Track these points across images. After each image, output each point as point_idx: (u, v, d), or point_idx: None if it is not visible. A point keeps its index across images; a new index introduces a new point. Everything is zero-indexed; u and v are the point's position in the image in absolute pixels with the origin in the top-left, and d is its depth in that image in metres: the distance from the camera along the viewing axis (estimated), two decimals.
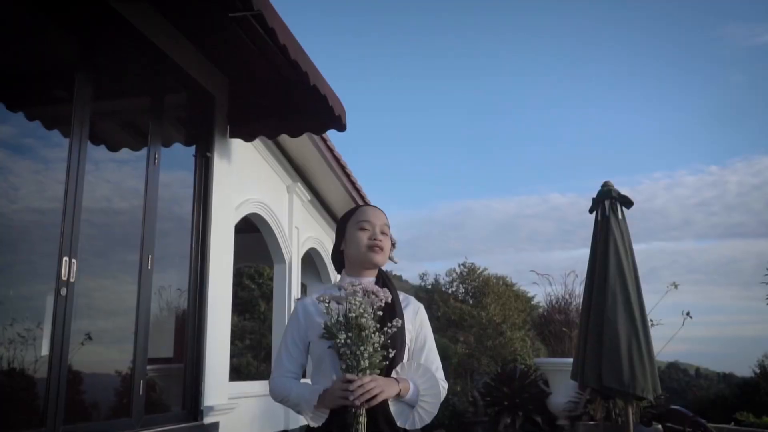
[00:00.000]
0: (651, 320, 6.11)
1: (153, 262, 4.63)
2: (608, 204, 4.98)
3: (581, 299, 8.99)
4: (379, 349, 1.90)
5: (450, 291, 20.38)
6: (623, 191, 5.04)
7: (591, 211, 5.15)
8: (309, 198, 8.25)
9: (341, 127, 5.49)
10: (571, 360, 7.15)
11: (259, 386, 6.77)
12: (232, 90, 5.79)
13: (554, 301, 10.03)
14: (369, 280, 2.19)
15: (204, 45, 5.23)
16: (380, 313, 1.93)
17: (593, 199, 5.13)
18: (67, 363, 3.73)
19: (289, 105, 5.59)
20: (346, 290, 1.93)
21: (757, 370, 16.51)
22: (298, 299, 7.92)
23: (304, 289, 9.01)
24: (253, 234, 7.62)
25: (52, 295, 3.72)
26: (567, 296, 9.88)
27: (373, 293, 1.92)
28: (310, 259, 9.22)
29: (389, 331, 1.93)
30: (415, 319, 2.21)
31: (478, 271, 19.96)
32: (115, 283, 4.59)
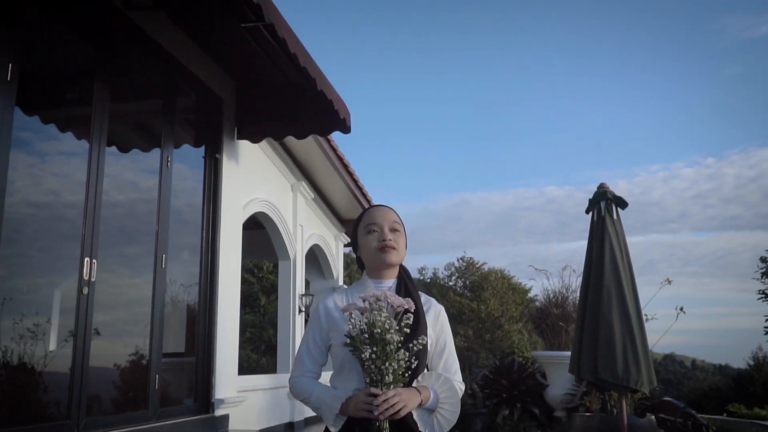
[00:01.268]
0: (646, 315, 6.32)
1: (167, 261, 4.82)
2: (604, 205, 5.19)
3: (577, 294, 9.22)
4: (403, 364, 1.91)
5: (449, 285, 20.58)
6: (620, 183, 5.28)
7: (587, 212, 5.36)
8: (312, 196, 8.43)
9: (346, 129, 5.67)
10: (567, 353, 7.36)
11: (266, 380, 6.97)
12: (239, 93, 5.96)
13: (551, 296, 10.23)
14: (389, 283, 2.21)
15: (212, 49, 5.40)
16: (407, 330, 1.93)
17: (589, 200, 5.34)
18: (89, 359, 3.92)
19: (295, 108, 5.76)
20: (370, 303, 1.92)
21: (751, 362, 16.78)
22: (303, 295, 8.11)
23: (307, 285, 9.20)
24: (256, 231, 7.80)
25: (60, 290, 3.91)
26: (564, 290, 10.07)
27: (399, 306, 1.92)
28: (314, 256, 9.41)
29: (415, 348, 1.94)
30: (436, 324, 2.21)
31: (477, 266, 20.17)
32: (131, 281, 4.78)
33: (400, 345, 1.90)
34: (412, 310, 1.97)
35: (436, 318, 2.22)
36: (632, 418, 5.98)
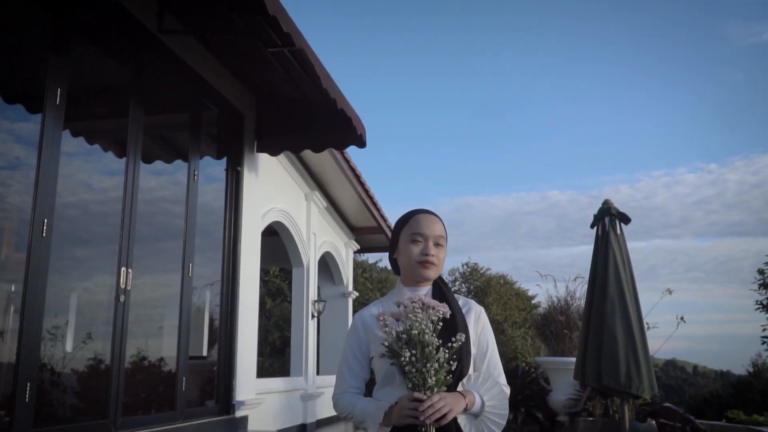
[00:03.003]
0: (647, 324, 6.58)
1: (193, 270, 5.08)
2: (608, 220, 5.47)
3: (581, 301, 9.46)
4: (444, 365, 1.86)
5: (452, 290, 20.82)
6: (623, 189, 5.50)
7: (592, 227, 5.63)
8: (325, 205, 8.70)
9: (362, 144, 5.93)
10: (571, 359, 7.62)
11: (282, 383, 7.23)
12: (259, 108, 6.22)
13: (556, 302, 10.47)
14: (425, 290, 2.15)
15: (235, 67, 5.65)
16: (440, 325, 1.90)
17: (594, 216, 5.62)
18: (125, 362, 4.18)
19: (313, 123, 6.01)
20: (405, 307, 1.89)
21: (751, 369, 17.01)
22: (315, 300, 8.35)
23: (318, 291, 9.45)
24: (269, 237, 8.04)
25: (76, 293, 4.17)
26: (568, 298, 10.31)
27: (432, 308, 1.89)
28: (325, 262, 9.67)
29: (454, 346, 1.88)
30: (477, 325, 2.15)
31: (481, 271, 20.42)
32: (159, 288, 5.04)
33: (439, 344, 1.85)
34: (448, 314, 1.93)
35: (477, 319, 2.17)
36: (634, 423, 6.23)
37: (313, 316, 8.23)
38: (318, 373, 9.05)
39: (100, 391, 4.01)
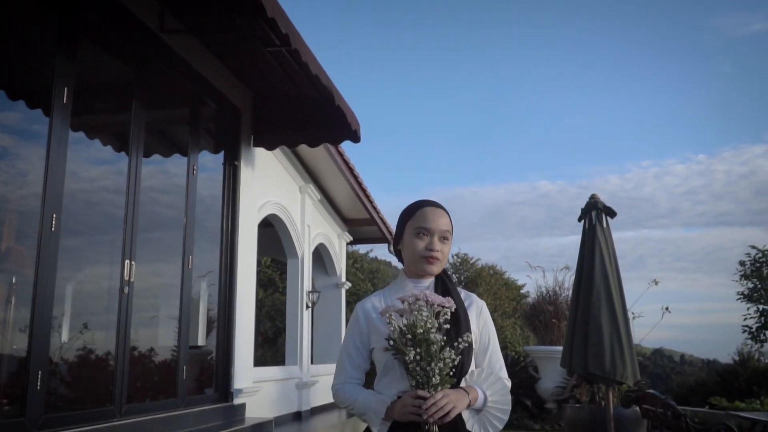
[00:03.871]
0: (632, 313, 6.79)
1: (193, 262, 5.23)
2: (595, 214, 5.67)
3: (569, 292, 9.68)
4: (449, 363, 1.85)
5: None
6: (612, 179, 5.67)
7: (579, 220, 5.83)
8: (319, 197, 8.85)
9: (356, 139, 6.07)
10: (559, 348, 7.84)
11: (278, 371, 7.40)
12: (256, 104, 6.35)
13: (544, 293, 10.71)
14: (427, 283, 2.14)
15: (233, 64, 5.78)
16: (447, 326, 1.88)
17: (581, 210, 5.82)
18: (129, 351, 4.34)
19: (309, 118, 6.15)
20: (410, 303, 1.86)
21: (737, 358, 17.30)
22: (309, 291, 8.50)
23: (312, 282, 9.59)
24: (264, 228, 8.18)
25: (81, 285, 4.31)
26: (557, 288, 10.55)
27: (439, 305, 1.88)
28: (318, 254, 9.83)
29: (460, 346, 1.87)
30: (479, 319, 2.14)
31: (471, 262, 20.63)
32: (160, 280, 5.19)
33: (444, 344, 1.84)
34: (453, 309, 1.91)
35: (479, 313, 2.16)
36: (618, 409, 6.45)
37: (307, 307, 8.40)
38: (312, 362, 9.22)
39: (105, 379, 4.16)
